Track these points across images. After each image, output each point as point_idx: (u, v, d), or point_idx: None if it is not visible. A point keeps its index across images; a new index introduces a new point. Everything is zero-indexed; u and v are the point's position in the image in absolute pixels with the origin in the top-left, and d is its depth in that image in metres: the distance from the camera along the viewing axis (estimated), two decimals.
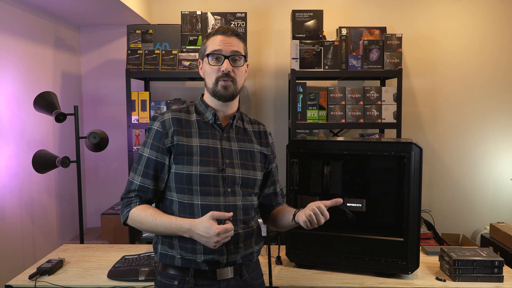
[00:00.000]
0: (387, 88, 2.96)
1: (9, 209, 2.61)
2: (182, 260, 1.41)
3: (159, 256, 1.46)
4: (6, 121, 2.59)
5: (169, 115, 1.45)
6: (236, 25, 3.06)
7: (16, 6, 2.71)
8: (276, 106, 3.53)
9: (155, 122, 1.45)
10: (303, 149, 1.98)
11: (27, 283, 1.79)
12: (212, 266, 1.40)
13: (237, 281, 1.45)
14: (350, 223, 2.00)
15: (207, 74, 1.47)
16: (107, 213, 3.15)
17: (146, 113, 2.98)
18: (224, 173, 1.42)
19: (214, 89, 1.45)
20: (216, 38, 1.45)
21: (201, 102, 1.51)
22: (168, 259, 1.43)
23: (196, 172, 1.39)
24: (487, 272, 1.80)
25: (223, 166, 1.43)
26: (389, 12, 3.43)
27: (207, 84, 1.48)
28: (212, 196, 1.40)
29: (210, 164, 1.41)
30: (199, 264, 1.40)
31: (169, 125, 1.43)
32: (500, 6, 3.39)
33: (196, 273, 1.40)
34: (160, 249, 1.45)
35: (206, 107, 1.49)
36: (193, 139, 1.43)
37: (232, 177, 1.43)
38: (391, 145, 1.88)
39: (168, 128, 1.42)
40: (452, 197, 3.50)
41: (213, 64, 1.44)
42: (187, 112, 1.49)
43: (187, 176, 1.39)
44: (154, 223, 1.38)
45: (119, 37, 3.53)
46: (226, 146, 1.46)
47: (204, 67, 1.48)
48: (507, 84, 3.43)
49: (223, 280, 1.42)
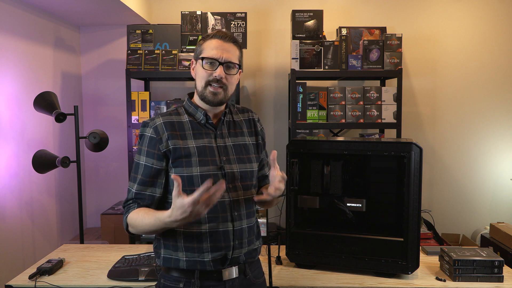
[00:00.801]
0: (387, 88, 2.96)
1: (9, 209, 2.61)
2: (188, 262, 1.40)
3: (162, 260, 1.43)
4: (6, 121, 2.59)
5: (160, 120, 1.43)
6: (236, 25, 3.06)
7: (16, 6, 2.71)
8: (276, 106, 3.53)
9: (147, 129, 1.42)
10: (303, 149, 1.98)
11: (27, 283, 1.79)
12: (217, 266, 1.41)
13: (241, 280, 1.45)
14: (350, 223, 2.01)
15: (198, 76, 1.45)
16: (107, 213, 3.15)
17: (146, 113, 2.98)
18: (224, 170, 1.43)
19: (203, 93, 1.44)
20: (213, 42, 1.43)
21: (190, 103, 1.50)
22: (172, 263, 1.41)
23: (197, 173, 1.39)
24: (487, 272, 1.80)
25: (221, 163, 1.43)
26: (389, 12, 3.43)
27: (197, 86, 1.47)
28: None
29: (208, 163, 1.41)
30: (205, 264, 1.39)
31: (162, 130, 1.41)
32: (500, 6, 3.39)
33: (201, 274, 1.40)
34: (163, 253, 1.43)
35: (196, 108, 1.48)
36: (189, 140, 1.42)
37: (231, 173, 1.44)
38: (391, 145, 1.88)
39: (161, 133, 1.40)
40: (452, 197, 3.50)
41: (206, 68, 1.42)
42: (177, 114, 1.47)
43: (188, 178, 1.39)
44: (144, 223, 1.35)
45: (119, 37, 3.53)
46: (221, 144, 1.46)
47: (197, 69, 1.46)
48: (507, 84, 3.43)
49: (228, 280, 1.42)
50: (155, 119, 1.44)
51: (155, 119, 1.43)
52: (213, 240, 1.40)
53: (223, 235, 1.41)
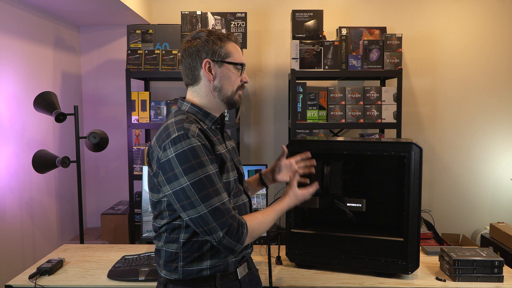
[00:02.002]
0: (387, 88, 2.96)
1: (9, 209, 2.61)
2: (211, 270, 1.36)
3: (182, 273, 1.35)
4: (6, 121, 2.59)
5: (195, 127, 1.30)
6: (236, 25, 3.06)
7: (16, 6, 2.71)
8: (276, 106, 3.53)
9: (192, 139, 1.26)
10: (303, 149, 1.98)
11: (27, 283, 1.78)
12: (237, 265, 1.42)
13: (249, 275, 1.48)
14: (350, 223, 2.01)
15: (228, 81, 1.40)
16: (107, 213, 3.15)
17: (146, 113, 2.98)
18: (239, 172, 1.47)
19: (232, 97, 1.42)
20: (234, 45, 1.43)
21: (198, 109, 1.41)
22: (194, 274, 1.35)
23: (233, 177, 1.40)
24: (487, 272, 1.80)
25: (236, 166, 1.47)
26: (389, 12, 3.43)
27: (224, 91, 1.40)
28: (239, 196, 1.44)
29: (233, 167, 1.43)
30: (228, 266, 1.38)
31: (203, 136, 1.30)
32: (500, 6, 3.39)
33: (221, 277, 1.38)
34: (183, 266, 1.35)
35: (206, 114, 1.41)
36: (218, 146, 1.37)
37: (241, 174, 1.49)
38: (391, 145, 1.88)
39: (205, 139, 1.30)
40: (452, 197, 3.50)
41: (236, 73, 1.42)
42: (191, 122, 1.34)
43: (227, 183, 1.36)
44: (268, 221, 1.41)
45: (119, 37, 3.53)
46: (228, 147, 1.48)
47: (225, 73, 1.39)
48: (507, 84, 3.43)
49: (242, 277, 1.44)
50: (188, 128, 1.28)
51: (189, 128, 1.28)
52: None
53: None
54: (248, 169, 2.74)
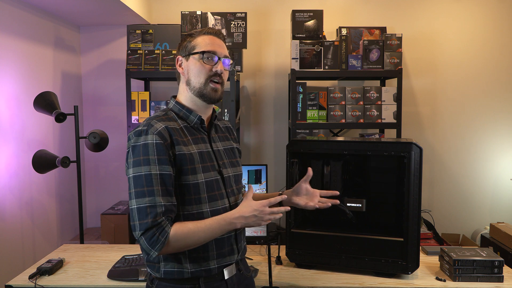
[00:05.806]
0: (387, 88, 2.96)
1: (9, 209, 2.61)
2: (193, 273, 1.36)
3: (163, 273, 1.36)
4: (6, 121, 2.59)
5: (160, 125, 1.32)
6: (236, 25, 3.06)
7: (16, 6, 2.71)
8: (276, 106, 3.53)
9: (149, 136, 1.29)
10: (303, 149, 1.98)
11: (27, 283, 1.78)
12: (221, 268, 1.41)
13: (238, 276, 1.47)
14: (350, 223, 2.01)
15: (194, 73, 1.40)
16: (107, 213, 3.15)
17: (146, 113, 2.98)
18: (222, 175, 1.43)
19: (202, 90, 1.39)
20: (207, 37, 1.41)
21: (180, 106, 1.43)
22: (175, 274, 1.36)
23: (202, 179, 1.35)
24: (487, 272, 1.80)
25: (219, 168, 1.42)
26: (389, 12, 3.43)
27: (193, 84, 1.41)
28: (219, 200, 1.40)
29: (209, 169, 1.39)
30: (210, 271, 1.38)
31: (166, 135, 1.31)
32: (500, 6, 3.39)
33: (206, 278, 1.38)
34: (164, 267, 1.36)
35: (189, 111, 1.42)
36: (190, 146, 1.36)
37: (228, 178, 1.45)
38: (391, 145, 1.88)
39: (167, 139, 1.31)
40: (452, 197, 3.50)
41: (206, 63, 1.39)
42: (169, 119, 1.38)
43: (194, 185, 1.34)
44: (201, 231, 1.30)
45: (119, 37, 3.53)
46: (215, 148, 1.46)
47: (192, 65, 1.40)
48: (507, 84, 3.43)
49: (229, 278, 1.43)
50: (152, 124, 1.32)
51: (153, 125, 1.32)
52: (219, 247, 1.39)
53: (227, 242, 1.41)
54: (248, 169, 2.74)
